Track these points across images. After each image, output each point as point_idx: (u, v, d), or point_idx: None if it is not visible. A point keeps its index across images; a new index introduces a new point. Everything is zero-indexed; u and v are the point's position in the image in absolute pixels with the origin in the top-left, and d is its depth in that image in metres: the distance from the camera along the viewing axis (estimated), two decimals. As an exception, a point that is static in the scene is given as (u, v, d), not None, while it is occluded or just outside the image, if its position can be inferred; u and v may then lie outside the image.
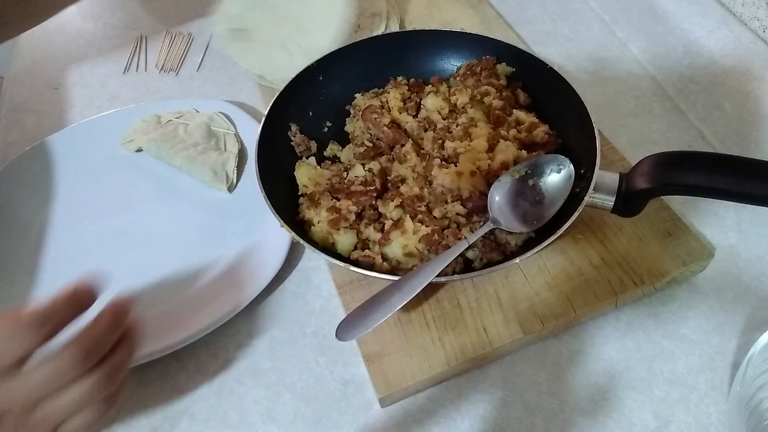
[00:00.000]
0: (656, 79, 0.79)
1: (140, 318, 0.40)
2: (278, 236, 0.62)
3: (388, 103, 0.69)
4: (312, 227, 0.58)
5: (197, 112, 0.78)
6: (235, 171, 0.71)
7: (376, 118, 0.65)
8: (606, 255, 0.59)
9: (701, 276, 0.60)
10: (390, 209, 0.58)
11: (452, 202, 0.57)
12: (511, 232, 0.55)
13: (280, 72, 0.67)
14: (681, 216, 0.61)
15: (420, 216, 0.57)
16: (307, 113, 0.69)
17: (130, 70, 0.90)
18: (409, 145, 0.63)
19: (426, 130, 0.65)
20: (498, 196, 0.56)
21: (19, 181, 0.73)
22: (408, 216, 0.57)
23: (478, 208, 0.57)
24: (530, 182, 0.57)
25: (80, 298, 0.38)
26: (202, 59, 0.90)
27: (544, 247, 0.50)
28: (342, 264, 0.52)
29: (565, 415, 0.53)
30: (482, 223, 0.56)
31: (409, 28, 0.87)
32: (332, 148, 0.68)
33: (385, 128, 0.65)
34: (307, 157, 0.66)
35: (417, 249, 0.55)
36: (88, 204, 0.71)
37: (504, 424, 0.53)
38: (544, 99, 0.68)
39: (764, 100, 0.65)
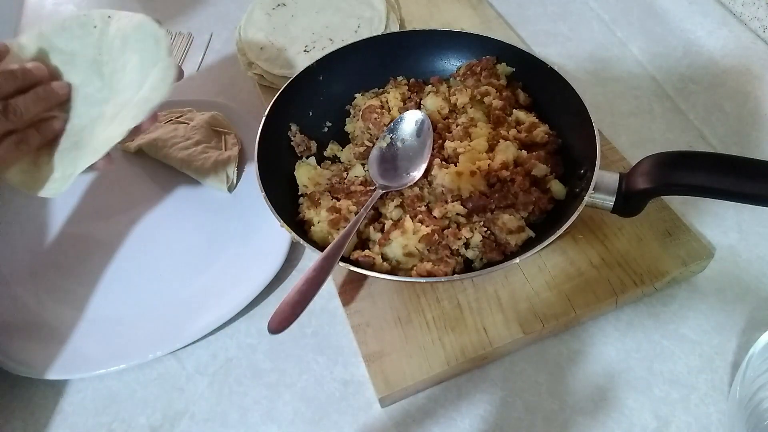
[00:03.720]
0: (656, 79, 0.79)
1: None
2: (278, 236, 0.62)
3: (388, 103, 0.69)
4: (312, 227, 0.58)
5: (197, 112, 0.78)
6: (235, 171, 0.71)
7: (376, 118, 0.65)
8: (606, 255, 0.59)
9: (701, 276, 0.60)
10: (390, 209, 0.59)
11: (452, 202, 0.57)
12: (511, 232, 0.55)
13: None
14: (681, 216, 0.61)
15: (420, 216, 0.57)
16: (307, 113, 0.69)
17: (130, 70, 0.90)
18: (409, 145, 0.63)
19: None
20: (375, 166, 0.62)
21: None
22: (408, 216, 0.57)
23: (478, 208, 0.57)
24: (398, 144, 0.63)
25: None
26: (202, 59, 0.90)
27: (544, 247, 0.50)
28: (342, 264, 0.52)
29: (565, 415, 0.53)
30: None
31: (409, 28, 0.88)
32: (332, 148, 0.68)
33: (386, 128, 0.65)
34: (307, 157, 0.66)
35: (417, 249, 0.55)
36: (88, 204, 0.71)
37: (504, 424, 0.53)
38: (544, 99, 0.68)
39: (764, 100, 0.66)
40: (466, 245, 0.55)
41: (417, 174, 0.60)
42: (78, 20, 0.57)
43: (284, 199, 0.61)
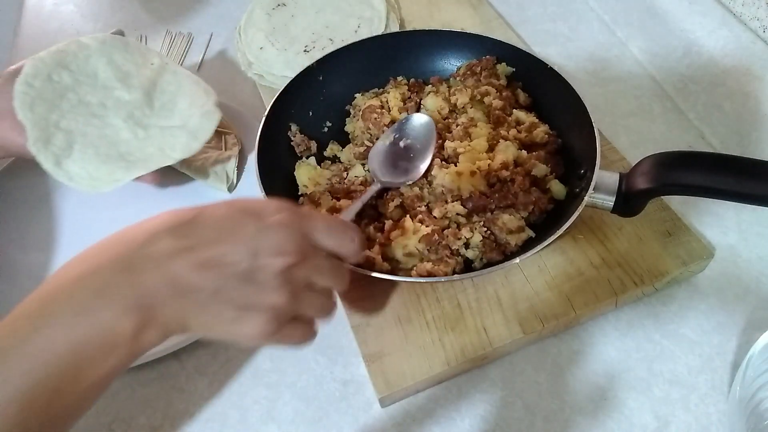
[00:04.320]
0: (656, 79, 0.79)
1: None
2: (278, 236, 0.62)
3: (388, 103, 0.69)
4: (312, 227, 0.58)
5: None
6: (235, 171, 0.71)
7: (376, 118, 0.65)
8: (606, 255, 0.59)
9: (701, 276, 0.60)
10: (390, 209, 0.58)
11: (452, 202, 0.57)
12: (511, 232, 0.55)
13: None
14: (681, 216, 0.61)
15: (420, 216, 0.57)
16: (307, 113, 0.69)
17: (130, 70, 0.90)
18: (409, 145, 0.63)
19: (426, 130, 0.65)
20: (375, 163, 0.62)
21: (19, 181, 0.73)
22: (408, 216, 0.57)
23: (478, 208, 0.57)
24: (401, 144, 0.63)
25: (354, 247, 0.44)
26: (202, 59, 0.90)
27: (544, 247, 0.50)
28: (342, 264, 0.52)
29: (565, 415, 0.53)
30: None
31: (409, 28, 0.87)
32: (332, 148, 0.68)
33: (385, 128, 0.65)
34: (307, 157, 0.66)
35: (417, 249, 0.55)
36: (88, 203, 0.71)
37: (504, 424, 0.53)
38: (544, 99, 0.68)
39: (764, 100, 0.66)
40: (466, 245, 0.55)
41: (416, 174, 0.60)
42: (140, 49, 0.69)
43: (284, 199, 0.61)
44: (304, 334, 0.42)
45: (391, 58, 0.72)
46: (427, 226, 0.55)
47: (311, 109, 0.69)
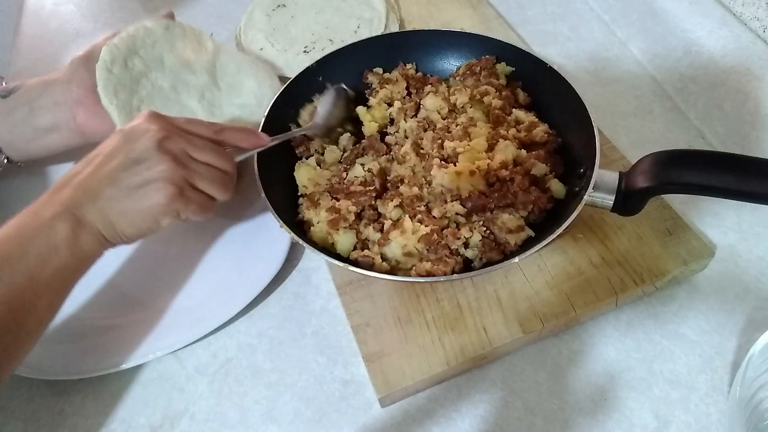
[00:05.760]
0: (656, 79, 0.79)
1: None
2: (278, 236, 0.62)
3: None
4: (312, 227, 0.58)
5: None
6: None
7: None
8: (606, 254, 0.59)
9: (701, 276, 0.60)
10: (389, 209, 0.58)
11: (451, 201, 0.57)
12: (510, 231, 0.55)
13: None
14: (681, 215, 0.61)
15: (419, 216, 0.57)
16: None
17: (130, 71, 0.90)
18: (408, 145, 0.63)
19: (425, 130, 0.66)
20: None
21: (19, 181, 0.73)
22: (407, 216, 0.57)
23: (477, 208, 0.57)
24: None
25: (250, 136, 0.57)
26: (202, 59, 0.90)
27: (544, 246, 0.50)
28: (342, 264, 0.52)
29: (565, 415, 0.53)
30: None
31: (409, 28, 0.88)
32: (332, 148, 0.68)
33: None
34: (307, 158, 0.66)
35: (416, 249, 0.55)
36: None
37: (504, 424, 0.53)
38: (544, 99, 0.68)
39: (764, 100, 0.66)
40: (466, 245, 0.55)
41: None
42: (196, 34, 0.70)
43: (284, 199, 0.61)
44: (205, 203, 0.52)
45: (390, 58, 0.72)
46: (426, 226, 0.55)
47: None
